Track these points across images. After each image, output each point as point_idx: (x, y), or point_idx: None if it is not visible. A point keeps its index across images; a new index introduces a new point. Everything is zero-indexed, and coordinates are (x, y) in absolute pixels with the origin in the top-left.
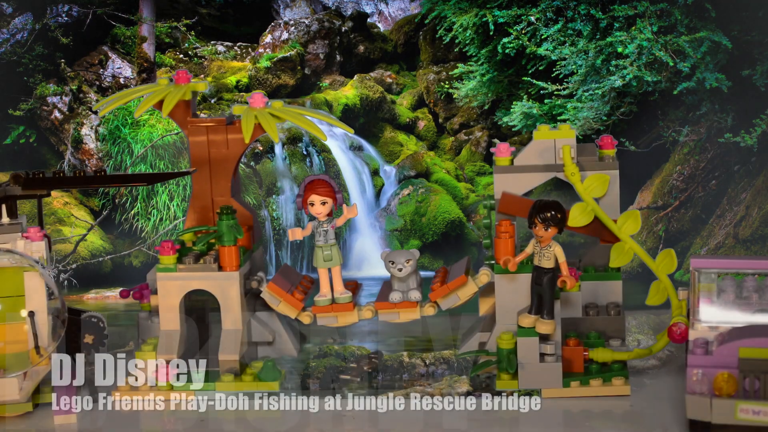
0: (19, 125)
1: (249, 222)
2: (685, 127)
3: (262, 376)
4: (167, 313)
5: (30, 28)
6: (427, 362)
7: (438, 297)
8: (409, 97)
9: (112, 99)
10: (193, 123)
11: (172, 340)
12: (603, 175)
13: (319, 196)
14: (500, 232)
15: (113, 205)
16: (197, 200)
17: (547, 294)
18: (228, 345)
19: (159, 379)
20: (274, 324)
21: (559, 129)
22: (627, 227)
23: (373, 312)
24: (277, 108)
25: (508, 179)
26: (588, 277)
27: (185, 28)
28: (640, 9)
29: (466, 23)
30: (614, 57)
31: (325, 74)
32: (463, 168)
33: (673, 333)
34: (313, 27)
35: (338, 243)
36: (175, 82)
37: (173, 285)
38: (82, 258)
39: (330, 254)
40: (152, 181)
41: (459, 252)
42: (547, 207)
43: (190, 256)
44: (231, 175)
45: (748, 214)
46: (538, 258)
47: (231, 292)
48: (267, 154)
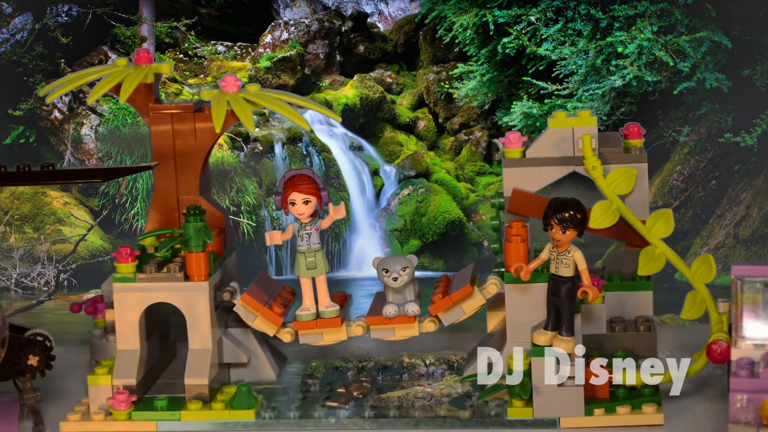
0: (19, 125)
1: (220, 224)
2: (685, 127)
3: (235, 404)
4: (125, 330)
5: (30, 28)
6: (427, 362)
7: (439, 310)
8: (409, 97)
9: (62, 82)
10: (156, 110)
11: (131, 361)
12: (629, 169)
13: (300, 194)
14: (511, 235)
15: (113, 205)
16: (160, 199)
17: (566, 307)
18: (195, 367)
19: (115, 408)
20: (249, 343)
21: (578, 116)
22: (658, 229)
23: (364, 328)
24: (253, 92)
25: (519, 174)
26: (613, 287)
27: (185, 28)
28: (640, 9)
29: (466, 23)
30: (614, 57)
31: (325, 74)
32: (463, 168)
33: (712, 352)
34: (313, 27)
35: (338, 242)
36: (135, 62)
37: (132, 297)
38: (82, 258)
39: (314, 261)
40: (108, 177)
41: (459, 252)
42: (564, 206)
43: (151, 264)
44: (199, 170)
45: (749, 214)
46: (555, 265)
47: (199, 306)
48: (267, 154)
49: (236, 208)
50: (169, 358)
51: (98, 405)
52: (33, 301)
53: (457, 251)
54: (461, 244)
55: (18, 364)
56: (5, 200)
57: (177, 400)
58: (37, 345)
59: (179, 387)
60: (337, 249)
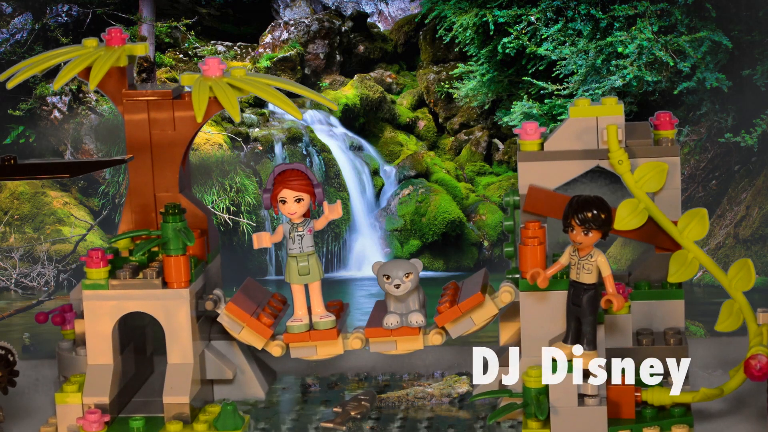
0: (19, 125)
1: (203, 225)
2: (685, 127)
3: (220, 425)
4: (96, 342)
5: (29, 28)
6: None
7: (447, 321)
8: (409, 97)
9: (24, 66)
10: (130, 97)
11: (103, 377)
12: (659, 164)
13: (292, 191)
14: (527, 237)
15: (113, 205)
16: (136, 196)
17: (588, 317)
18: (175, 384)
19: (86, 429)
20: (235, 357)
21: (602, 103)
22: (691, 231)
23: (362, 341)
24: (239, 77)
25: (536, 169)
26: (641, 296)
27: (185, 28)
28: (640, 9)
29: (466, 23)
30: (614, 57)
31: (325, 74)
32: (463, 168)
33: (751, 368)
34: (313, 27)
35: (338, 243)
36: (107, 43)
37: (104, 306)
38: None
39: (307, 266)
40: (76, 173)
41: (459, 252)
42: (587, 205)
43: (126, 269)
44: (179, 164)
45: (749, 214)
46: (576, 271)
47: (179, 316)
48: (267, 154)
49: (236, 209)
50: (146, 373)
51: (67, 425)
52: (33, 301)
53: (457, 251)
54: (461, 244)
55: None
56: (5, 200)
57: (155, 420)
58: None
59: (157, 406)
60: (337, 249)
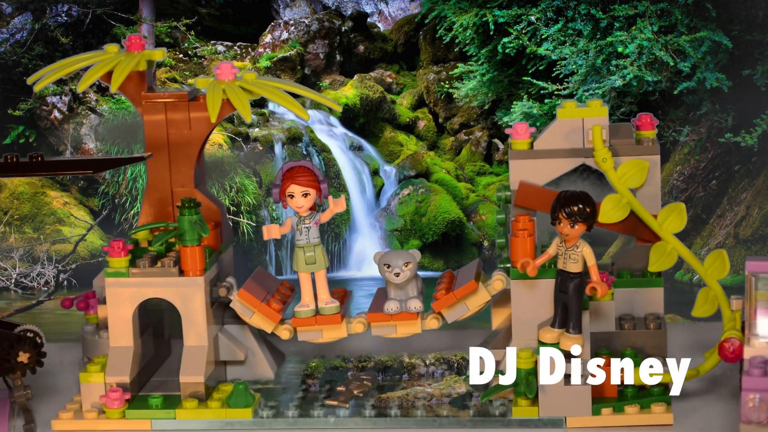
0: (19, 125)
1: (216, 217)
2: (685, 126)
3: (232, 402)
4: (118, 326)
5: (29, 28)
6: (427, 362)
7: (443, 307)
8: (409, 97)
9: (50, 70)
10: (149, 99)
11: (124, 358)
12: (641, 162)
13: (299, 187)
14: (517, 229)
15: (113, 205)
16: (154, 191)
17: (574, 303)
18: (191, 365)
19: (108, 406)
20: (246, 340)
21: (588, 105)
22: (670, 224)
23: (365, 325)
24: (250, 81)
25: (526, 166)
26: (623, 284)
27: (185, 28)
28: (640, 9)
29: (466, 23)
30: (614, 57)
31: (325, 74)
32: (463, 168)
33: (725, 350)
34: (313, 27)
35: (338, 242)
36: (127, 49)
37: (125, 293)
38: (81, 258)
39: (313, 256)
40: (99, 169)
41: (459, 252)
42: (573, 200)
43: (145, 259)
44: (194, 161)
45: (749, 214)
46: (563, 260)
47: (194, 302)
48: (267, 154)
49: (236, 208)
50: (164, 355)
51: (91, 403)
52: (33, 301)
53: (457, 251)
54: (461, 244)
55: (8, 361)
56: (5, 200)
57: (172, 398)
58: (27, 341)
59: (174, 385)
60: (337, 249)
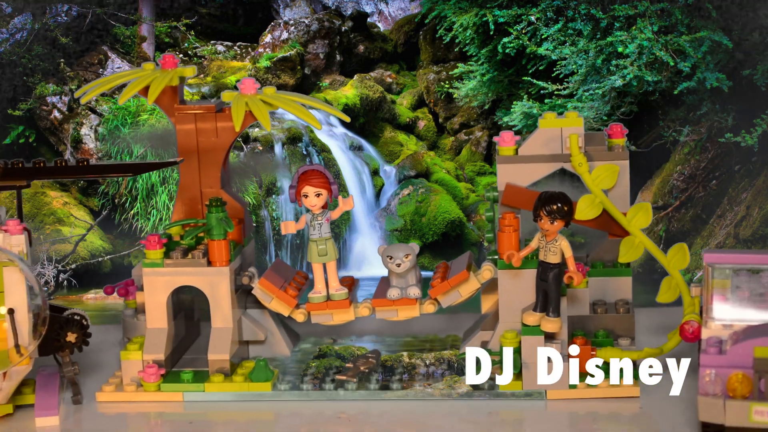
0: (19, 125)
1: (240, 215)
2: (685, 126)
3: (254, 377)
4: (154, 310)
5: (29, 28)
6: (427, 362)
7: (438, 294)
8: (409, 97)
9: (94, 85)
10: (181, 110)
11: (159, 338)
12: (612, 166)
13: (313, 188)
14: (504, 225)
15: (113, 205)
16: (185, 192)
17: (553, 291)
18: (218, 344)
19: (145, 380)
20: (266, 322)
21: (566, 117)
22: (637, 220)
23: (370, 309)
24: (269, 95)
25: (511, 170)
26: (596, 273)
27: (185, 27)
28: (640, 9)
29: (466, 23)
30: (615, 57)
31: (325, 74)
32: (463, 168)
33: (685, 331)
34: (313, 27)
35: (338, 242)
36: (162, 66)
37: (160, 281)
38: (81, 258)
39: (325, 248)
40: (138, 172)
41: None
42: (553, 199)
43: (177, 251)
44: (221, 165)
45: (749, 214)
46: (543, 253)
47: (221, 289)
48: (267, 154)
49: None
50: (194, 335)
51: (130, 377)
52: None
53: (457, 251)
54: (461, 243)
55: (58, 340)
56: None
57: (201, 373)
58: (74, 323)
59: (203, 362)
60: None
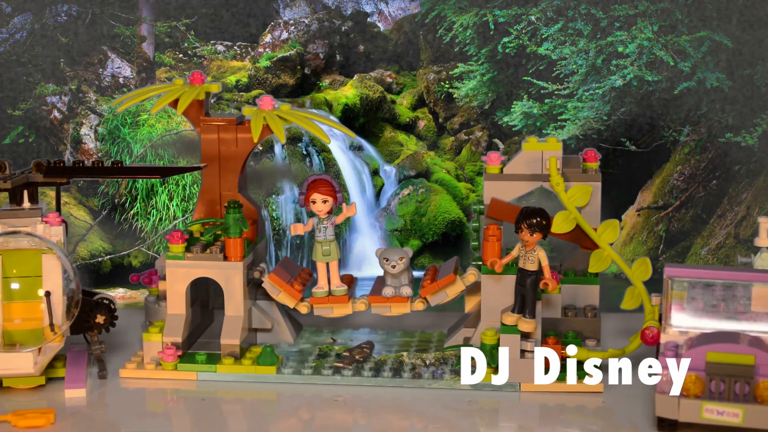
0: (18, 125)
1: (254, 216)
2: (685, 126)
3: (261, 361)
4: (174, 298)
5: (29, 28)
6: (428, 362)
7: (428, 293)
8: (409, 97)
9: (130, 96)
10: (206, 122)
11: (178, 323)
12: (586, 186)
13: (320, 195)
14: (488, 235)
15: (112, 205)
16: (206, 194)
17: (530, 295)
18: (230, 330)
19: (164, 360)
20: (273, 312)
21: (546, 141)
22: (606, 235)
23: (366, 305)
24: (285, 111)
25: (497, 186)
26: (568, 281)
27: (185, 27)
28: (640, 8)
29: (466, 23)
30: (615, 56)
31: (325, 74)
32: (463, 168)
33: (645, 336)
34: (313, 26)
35: (338, 242)
36: (190, 82)
37: (181, 272)
38: (81, 258)
39: (329, 249)
40: (166, 174)
41: (459, 252)
42: (533, 214)
43: (197, 246)
44: (239, 171)
45: (749, 214)
46: (522, 261)
47: (234, 281)
48: (267, 154)
49: None
50: (208, 322)
51: (150, 357)
52: None
53: (456, 251)
54: (461, 243)
55: (88, 321)
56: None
57: (214, 356)
58: (103, 306)
59: (216, 345)
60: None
